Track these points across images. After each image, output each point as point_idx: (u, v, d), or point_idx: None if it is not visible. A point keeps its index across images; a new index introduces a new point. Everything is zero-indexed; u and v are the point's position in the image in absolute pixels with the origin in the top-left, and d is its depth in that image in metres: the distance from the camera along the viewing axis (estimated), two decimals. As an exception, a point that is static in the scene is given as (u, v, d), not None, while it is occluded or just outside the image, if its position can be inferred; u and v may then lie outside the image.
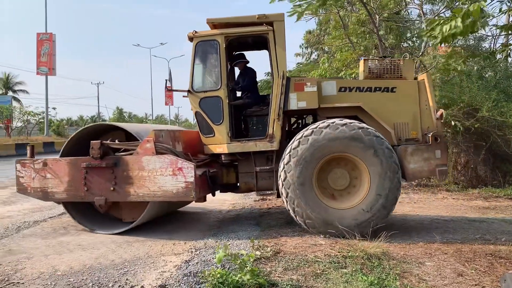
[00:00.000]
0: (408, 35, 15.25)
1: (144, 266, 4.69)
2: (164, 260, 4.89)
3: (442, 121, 6.16)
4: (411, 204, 8.47)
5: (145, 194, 5.94)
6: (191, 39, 6.52)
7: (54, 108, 63.02)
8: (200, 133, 6.57)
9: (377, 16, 11.46)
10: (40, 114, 35.56)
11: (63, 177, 6.32)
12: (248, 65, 7.22)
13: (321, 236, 5.65)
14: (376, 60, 6.51)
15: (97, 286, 4.08)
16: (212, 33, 6.49)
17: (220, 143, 6.43)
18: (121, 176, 6.04)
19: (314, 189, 5.71)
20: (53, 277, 4.32)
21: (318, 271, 4.32)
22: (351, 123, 5.70)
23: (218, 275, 3.77)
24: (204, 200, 6.49)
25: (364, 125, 5.75)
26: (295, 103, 6.23)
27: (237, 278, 3.76)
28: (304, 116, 7.42)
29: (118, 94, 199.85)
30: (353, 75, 12.61)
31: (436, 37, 5.48)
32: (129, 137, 6.58)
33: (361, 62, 6.62)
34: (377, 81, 6.30)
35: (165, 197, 5.91)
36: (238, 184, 6.80)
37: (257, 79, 7.62)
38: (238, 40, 6.80)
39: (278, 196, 6.37)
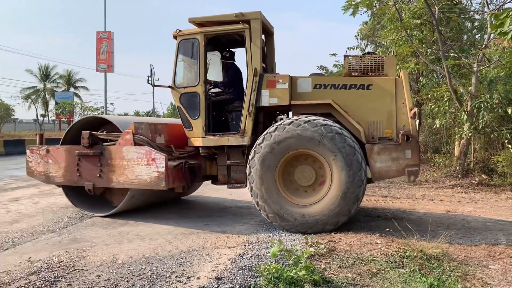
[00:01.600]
0: (469, 26, 14.52)
1: (200, 257, 4.79)
2: (218, 253, 4.96)
3: (416, 120, 5.87)
4: (472, 204, 8.10)
5: (125, 182, 6.53)
6: (175, 37, 6.81)
7: (112, 104, 65.65)
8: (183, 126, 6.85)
9: (436, 7, 10.97)
10: (99, 110, 37.24)
11: (61, 163, 7.11)
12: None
13: (377, 234, 5.53)
14: (358, 57, 6.29)
15: (155, 275, 4.21)
16: (193, 31, 6.72)
17: (196, 137, 6.70)
18: (105, 164, 6.69)
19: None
20: (114, 265, 4.51)
21: (375, 270, 4.22)
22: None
23: (273, 270, 3.77)
24: (182, 190, 6.97)
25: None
26: (267, 99, 6.31)
27: (292, 274, 3.75)
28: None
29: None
30: (409, 70, 12.19)
31: (506, 33, 4.94)
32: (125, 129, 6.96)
33: (344, 59, 6.43)
34: (352, 78, 6.19)
35: (141, 185, 6.42)
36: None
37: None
38: (221, 38, 7.00)
39: None
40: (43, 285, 3.93)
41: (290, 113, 6.83)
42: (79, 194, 7.28)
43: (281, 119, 7.00)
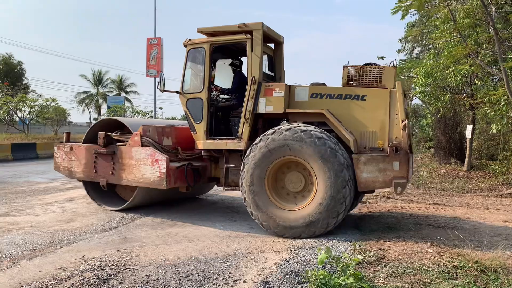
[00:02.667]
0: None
1: (246, 261, 4.80)
2: (264, 257, 4.96)
3: (406, 131, 5.74)
4: (532, 214, 7.63)
5: (132, 180, 7.05)
6: (185, 46, 7.19)
7: (160, 108, 67.93)
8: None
9: (492, 7, 10.47)
10: (148, 114, 38.42)
11: (81, 159, 7.81)
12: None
13: (428, 243, 5.34)
14: (358, 67, 6.27)
15: (202, 277, 4.27)
16: (200, 41, 7.06)
17: (199, 140, 7.02)
18: (117, 162, 7.25)
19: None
20: (163, 266, 4.62)
21: (426, 280, 4.07)
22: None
23: (321, 277, 3.72)
24: (187, 190, 7.18)
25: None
26: (263, 107, 6.50)
27: (340, 281, 3.68)
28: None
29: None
30: (463, 72, 11.69)
31: None
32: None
33: (343, 69, 6.40)
34: (347, 88, 6.24)
35: (145, 184, 6.88)
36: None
37: None
38: (231, 47, 7.30)
39: None
40: (96, 283, 4.08)
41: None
42: (98, 188, 7.86)
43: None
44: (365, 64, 6.30)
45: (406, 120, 5.78)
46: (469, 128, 14.36)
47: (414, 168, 15.00)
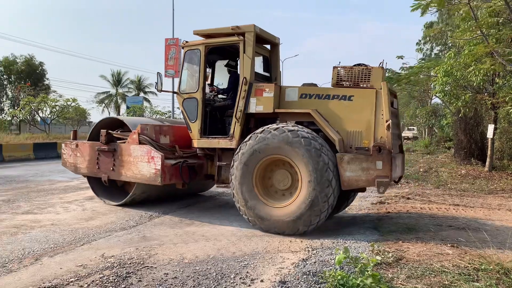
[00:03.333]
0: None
1: (263, 260, 4.81)
2: (281, 257, 4.96)
3: (389, 131, 5.80)
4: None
5: (131, 176, 7.41)
6: (183, 47, 7.46)
7: (178, 108, 68.43)
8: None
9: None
10: (166, 113, 38.79)
11: (86, 156, 8.25)
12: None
13: (448, 244, 5.26)
14: (348, 68, 6.37)
15: (220, 276, 4.29)
16: (196, 43, 7.30)
17: (194, 139, 7.27)
18: (117, 159, 7.62)
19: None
20: (181, 264, 4.65)
21: (446, 282, 4.00)
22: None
23: (339, 277, 3.70)
24: (183, 186, 7.46)
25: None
26: (254, 107, 6.67)
27: (358, 282, 3.65)
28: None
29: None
30: (483, 71, 11.46)
31: None
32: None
33: (333, 70, 6.48)
34: (335, 89, 6.34)
35: (142, 180, 7.21)
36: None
37: None
38: (228, 48, 7.46)
39: None
40: (115, 280, 4.14)
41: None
42: (101, 183, 8.23)
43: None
44: (355, 65, 6.40)
45: (390, 121, 5.81)
46: (490, 127, 14.08)
47: (434, 169, 14.78)
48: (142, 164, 7.15)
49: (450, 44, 15.64)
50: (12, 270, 4.44)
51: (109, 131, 7.88)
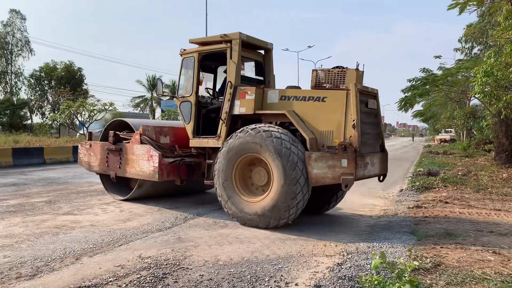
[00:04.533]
0: None
1: (297, 264, 4.79)
2: (316, 261, 4.92)
3: (356, 131, 6.02)
4: None
5: (134, 173, 8.17)
6: (180, 55, 8.10)
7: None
8: None
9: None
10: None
11: (97, 155, 9.09)
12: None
13: (490, 251, 5.07)
14: (327, 70, 6.64)
15: (254, 279, 4.30)
16: (191, 50, 7.95)
17: (189, 139, 7.86)
18: (123, 158, 8.35)
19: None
20: (216, 266, 4.70)
21: (488, 290, 3.86)
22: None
23: (375, 282, 3.64)
24: (181, 183, 8.02)
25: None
26: (238, 108, 7.12)
27: (395, 287, 3.58)
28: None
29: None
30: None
31: None
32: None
33: (312, 72, 6.76)
34: (311, 90, 6.65)
35: (143, 176, 7.93)
36: None
37: None
38: (220, 55, 7.81)
39: None
40: (152, 281, 4.22)
41: None
42: (111, 181, 9.04)
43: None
44: (333, 67, 6.60)
45: (355, 120, 6.03)
46: (534, 129, 13.49)
47: (473, 172, 14.30)
48: (143, 162, 7.84)
49: (491, 43, 15.07)
50: (54, 268, 4.61)
51: (116, 132, 8.68)
